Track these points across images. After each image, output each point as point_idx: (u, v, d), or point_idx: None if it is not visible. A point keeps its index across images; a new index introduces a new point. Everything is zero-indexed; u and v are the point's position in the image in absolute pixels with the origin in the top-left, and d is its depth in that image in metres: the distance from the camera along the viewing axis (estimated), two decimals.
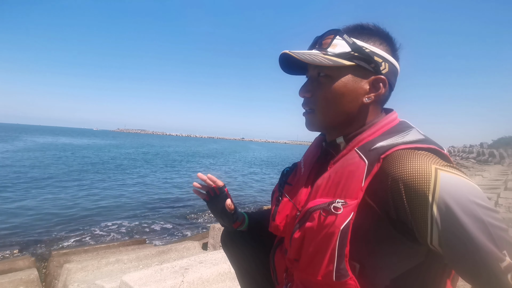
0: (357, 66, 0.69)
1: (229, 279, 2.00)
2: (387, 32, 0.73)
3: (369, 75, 0.70)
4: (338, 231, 0.59)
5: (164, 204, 8.82)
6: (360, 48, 0.68)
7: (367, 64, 0.69)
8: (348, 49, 0.68)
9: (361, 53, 0.68)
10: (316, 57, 0.68)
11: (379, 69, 0.69)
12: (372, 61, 0.69)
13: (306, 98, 0.75)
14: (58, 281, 2.71)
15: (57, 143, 38.52)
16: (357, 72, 0.69)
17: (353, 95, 0.70)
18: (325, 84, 0.71)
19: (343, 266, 0.60)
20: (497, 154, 23.50)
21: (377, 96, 0.71)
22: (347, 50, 0.68)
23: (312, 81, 0.74)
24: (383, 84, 0.70)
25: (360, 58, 0.68)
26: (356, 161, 0.63)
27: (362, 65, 0.68)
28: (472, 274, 0.52)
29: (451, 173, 0.54)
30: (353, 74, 0.69)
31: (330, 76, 0.70)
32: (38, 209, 7.29)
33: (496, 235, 0.50)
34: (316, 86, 0.72)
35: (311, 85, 0.74)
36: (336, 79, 0.69)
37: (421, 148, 0.60)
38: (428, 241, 0.54)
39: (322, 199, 0.64)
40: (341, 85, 0.69)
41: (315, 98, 0.73)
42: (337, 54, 0.68)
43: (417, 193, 0.54)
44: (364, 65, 0.69)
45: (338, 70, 0.69)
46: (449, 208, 0.51)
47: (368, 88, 0.70)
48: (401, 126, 0.69)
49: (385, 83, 0.70)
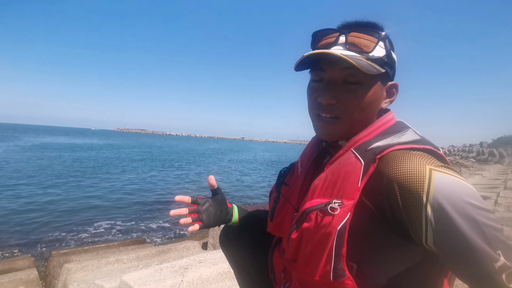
0: (385, 73, 0.68)
1: (228, 278, 2.01)
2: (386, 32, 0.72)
3: (387, 81, 0.70)
4: (335, 232, 0.59)
5: (164, 203, 8.81)
6: (391, 54, 0.67)
7: (391, 71, 0.68)
8: (384, 54, 0.66)
9: (390, 59, 0.67)
10: (367, 65, 0.62)
11: (394, 74, 0.70)
12: (393, 68, 0.69)
13: (329, 105, 0.67)
14: (58, 281, 2.71)
15: (57, 142, 38.47)
16: (383, 79, 0.68)
17: (378, 103, 0.69)
18: (356, 91, 0.65)
19: (341, 266, 0.60)
20: (496, 153, 23.49)
21: (391, 102, 0.71)
22: (382, 56, 0.66)
23: (336, 85, 0.67)
24: (396, 89, 0.71)
25: (388, 65, 0.67)
26: (352, 161, 0.63)
27: (388, 72, 0.68)
28: (466, 274, 0.53)
29: (445, 173, 0.55)
30: (381, 81, 0.68)
31: (362, 83, 0.65)
32: (38, 208, 7.29)
33: (490, 235, 0.51)
34: (343, 92, 0.66)
35: (336, 90, 0.66)
36: (369, 87, 0.66)
37: (416, 149, 0.61)
38: (424, 241, 0.55)
39: (319, 200, 0.65)
40: (372, 93, 0.66)
41: (342, 105, 0.66)
42: (375, 59, 0.65)
43: (411, 193, 0.54)
44: (390, 72, 0.68)
45: (371, 77, 0.65)
46: (443, 208, 0.51)
47: (385, 94, 0.70)
48: (398, 127, 0.69)
49: (397, 88, 0.71)
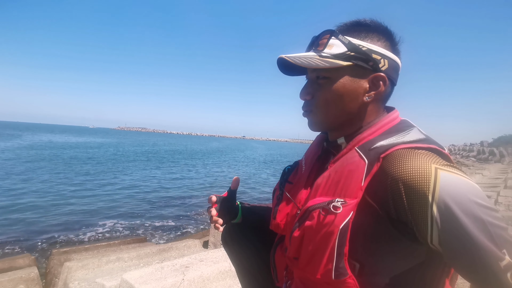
0: (355, 65, 0.68)
1: (229, 277, 2.01)
2: (385, 27, 0.71)
3: (368, 74, 0.69)
4: (338, 230, 0.59)
5: (165, 202, 8.83)
6: (356, 47, 0.67)
7: (365, 63, 0.68)
8: (344, 49, 0.67)
9: (358, 52, 0.67)
10: (312, 60, 0.68)
11: (378, 66, 0.69)
12: (370, 59, 0.68)
13: (306, 100, 0.75)
14: (58, 279, 2.71)
15: (57, 142, 38.49)
16: (355, 71, 0.69)
17: (352, 95, 0.69)
18: (324, 86, 0.71)
19: (342, 265, 0.60)
20: (497, 152, 23.51)
21: (377, 94, 0.70)
22: (343, 50, 0.67)
23: (311, 83, 0.74)
24: (383, 81, 0.69)
25: (357, 58, 0.67)
26: (356, 160, 0.63)
27: (360, 64, 0.68)
28: (471, 273, 0.53)
29: (451, 172, 0.54)
30: (351, 74, 0.69)
31: (329, 77, 0.70)
32: (38, 207, 7.30)
33: (496, 234, 0.51)
34: (316, 88, 0.73)
35: (311, 87, 0.74)
36: (335, 81, 0.69)
37: (421, 148, 0.60)
38: (429, 241, 0.54)
39: (321, 198, 0.64)
40: (340, 86, 0.69)
41: (315, 100, 0.73)
42: (333, 55, 0.68)
43: (417, 193, 0.54)
44: (362, 64, 0.68)
45: (336, 71, 0.69)
46: (448, 207, 0.51)
47: (367, 86, 0.70)
48: (402, 125, 0.68)
49: (385, 80, 0.69)
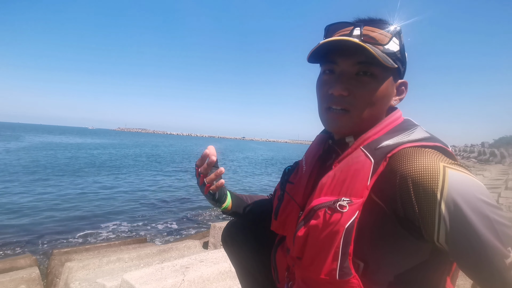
0: (398, 68, 0.68)
1: (229, 278, 2.00)
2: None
3: (398, 78, 0.70)
4: (343, 229, 0.59)
5: (165, 203, 8.82)
6: (403, 51, 0.67)
7: (402, 68, 0.69)
8: (397, 49, 0.66)
9: (402, 55, 0.67)
10: (384, 56, 0.63)
11: (403, 72, 0.70)
12: (405, 64, 0.69)
13: (340, 97, 0.66)
14: (59, 280, 2.71)
15: (57, 142, 38.56)
16: (395, 75, 0.69)
17: (388, 99, 0.69)
18: (369, 84, 0.65)
19: (347, 265, 0.60)
20: (498, 153, 23.47)
21: (400, 100, 0.71)
22: (396, 50, 0.66)
23: (348, 77, 0.66)
24: (405, 88, 0.71)
25: (401, 61, 0.67)
26: (361, 159, 0.63)
27: (400, 69, 0.68)
28: (477, 271, 0.53)
29: (458, 171, 0.55)
30: (393, 76, 0.68)
31: (376, 76, 0.65)
32: (39, 207, 7.29)
33: (502, 232, 0.51)
34: (356, 85, 0.66)
35: (348, 82, 0.66)
36: (381, 81, 0.66)
37: (427, 146, 0.60)
38: (435, 238, 0.55)
39: (327, 197, 0.64)
40: (384, 88, 0.66)
41: (353, 98, 0.66)
42: (389, 53, 0.65)
43: (425, 190, 0.54)
44: (401, 69, 0.68)
45: (385, 72, 0.65)
46: (457, 205, 0.52)
47: (395, 91, 0.70)
48: (406, 124, 0.69)
49: (407, 87, 0.71)
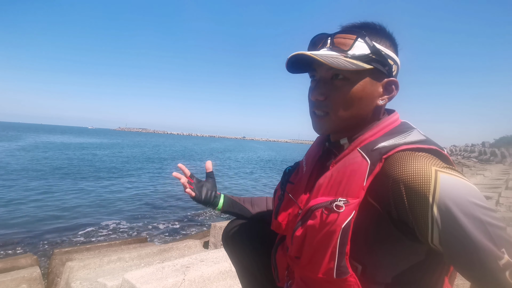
0: (375, 69, 0.69)
1: (230, 277, 2.01)
2: (391, 32, 0.73)
3: (382, 78, 0.71)
4: (340, 229, 0.59)
5: (165, 202, 8.83)
6: (378, 51, 0.68)
7: (383, 67, 0.69)
8: (368, 51, 0.68)
9: (379, 56, 0.68)
10: (339, 61, 0.66)
11: (391, 71, 0.71)
12: (387, 64, 0.69)
13: (318, 101, 0.72)
14: (60, 279, 2.72)
15: (57, 142, 38.55)
16: (374, 75, 0.69)
17: (370, 99, 0.70)
18: (342, 88, 0.69)
19: (344, 264, 0.61)
20: (498, 153, 23.43)
21: (389, 98, 0.72)
22: (367, 53, 0.67)
23: (325, 83, 0.71)
24: (395, 86, 0.71)
25: (377, 61, 0.68)
26: (358, 160, 0.64)
27: (379, 69, 0.69)
28: (471, 272, 0.53)
29: (450, 174, 0.55)
30: (371, 77, 0.69)
31: (348, 79, 0.68)
32: (40, 207, 7.31)
33: (494, 234, 0.51)
34: (331, 89, 0.70)
35: (324, 87, 0.70)
36: (355, 83, 0.68)
37: (422, 149, 0.61)
38: (429, 240, 0.55)
39: (324, 198, 0.65)
40: (359, 89, 0.68)
41: (330, 102, 0.70)
42: (357, 57, 0.67)
43: (417, 194, 0.54)
44: (381, 68, 0.69)
45: (357, 74, 0.68)
46: (448, 208, 0.52)
47: (381, 90, 0.71)
48: (403, 127, 0.69)
49: (397, 85, 0.71)
